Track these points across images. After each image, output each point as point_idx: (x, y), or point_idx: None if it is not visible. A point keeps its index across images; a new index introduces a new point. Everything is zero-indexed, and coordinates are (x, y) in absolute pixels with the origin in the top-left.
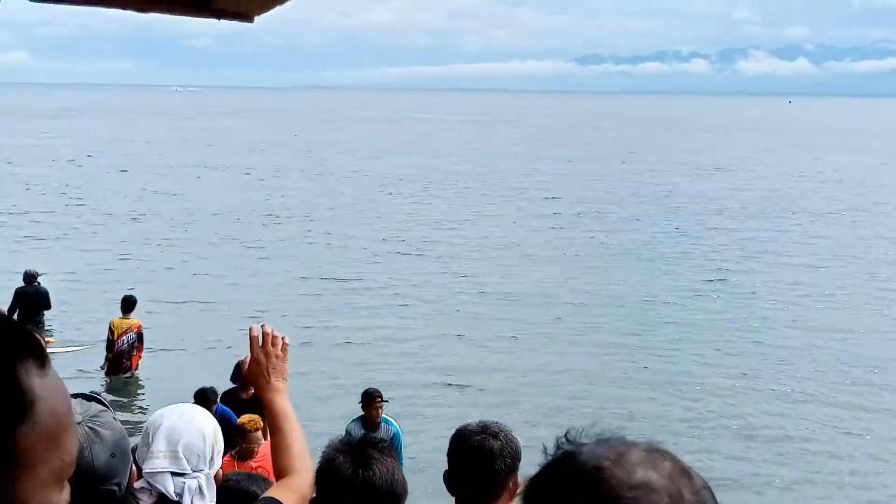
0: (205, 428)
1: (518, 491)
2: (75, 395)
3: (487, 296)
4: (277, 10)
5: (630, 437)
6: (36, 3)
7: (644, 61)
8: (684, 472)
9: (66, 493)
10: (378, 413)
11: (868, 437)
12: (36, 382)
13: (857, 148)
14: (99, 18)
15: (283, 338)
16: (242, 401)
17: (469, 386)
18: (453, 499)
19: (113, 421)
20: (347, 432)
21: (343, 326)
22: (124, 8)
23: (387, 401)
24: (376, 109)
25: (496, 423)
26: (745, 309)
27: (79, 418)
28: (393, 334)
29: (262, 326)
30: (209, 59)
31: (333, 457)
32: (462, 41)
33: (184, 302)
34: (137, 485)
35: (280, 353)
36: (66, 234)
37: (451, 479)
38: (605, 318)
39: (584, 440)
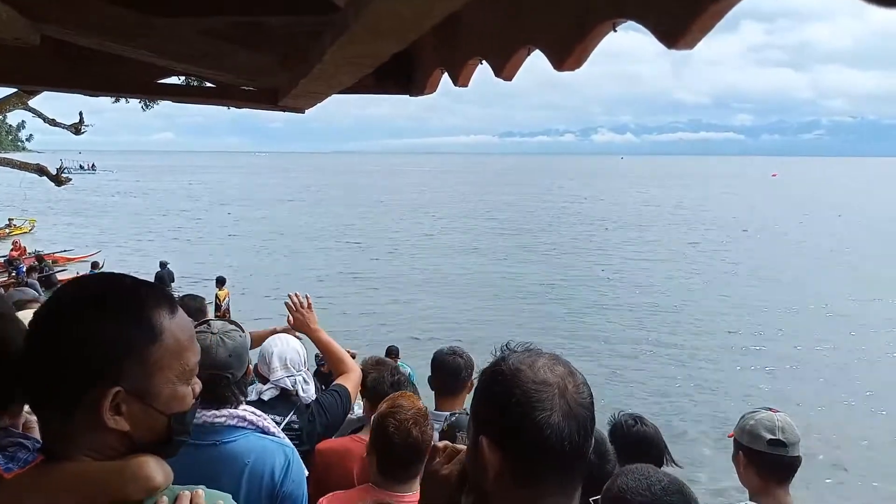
0: (297, 346)
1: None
2: (221, 318)
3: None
4: (319, 104)
5: (541, 349)
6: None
7: (537, 135)
8: (571, 373)
9: (196, 387)
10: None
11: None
12: (165, 320)
13: (662, 185)
14: (216, 110)
15: (306, 297)
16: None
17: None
18: (433, 394)
19: (239, 337)
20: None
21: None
22: (212, 103)
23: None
24: (380, 166)
25: (460, 348)
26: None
27: (216, 331)
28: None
29: (289, 296)
30: (279, 135)
31: (369, 367)
32: (429, 123)
33: (258, 283)
34: (266, 388)
35: (309, 308)
36: (191, 242)
37: (434, 381)
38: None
39: (516, 349)
